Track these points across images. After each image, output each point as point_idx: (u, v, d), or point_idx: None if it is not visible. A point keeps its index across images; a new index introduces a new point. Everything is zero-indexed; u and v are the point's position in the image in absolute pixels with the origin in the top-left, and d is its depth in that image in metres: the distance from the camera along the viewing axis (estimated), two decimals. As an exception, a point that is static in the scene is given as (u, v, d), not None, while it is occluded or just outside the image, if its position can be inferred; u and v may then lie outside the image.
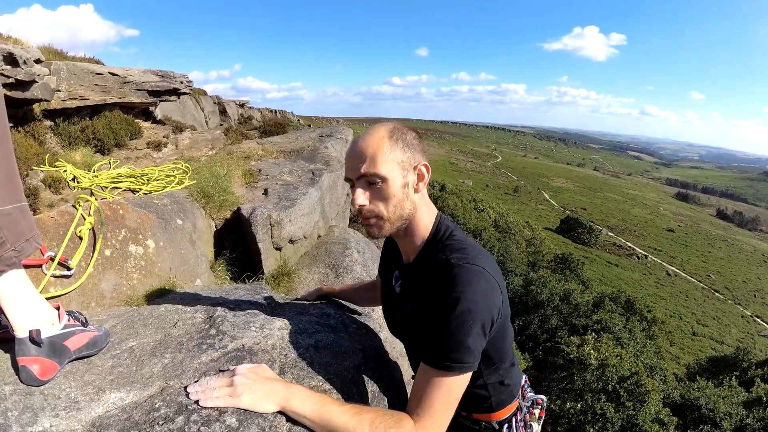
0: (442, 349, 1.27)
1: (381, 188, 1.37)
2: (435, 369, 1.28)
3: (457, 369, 1.27)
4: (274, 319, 1.99)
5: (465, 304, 1.25)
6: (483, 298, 1.28)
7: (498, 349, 1.51)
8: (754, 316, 59.33)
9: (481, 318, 1.27)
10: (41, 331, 1.49)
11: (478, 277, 1.29)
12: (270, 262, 4.54)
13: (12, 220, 1.40)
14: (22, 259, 1.49)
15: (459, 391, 1.30)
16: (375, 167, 1.34)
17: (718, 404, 22.40)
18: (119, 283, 2.64)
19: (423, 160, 1.43)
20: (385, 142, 1.37)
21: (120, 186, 4.97)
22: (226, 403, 1.29)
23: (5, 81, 5.19)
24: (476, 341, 1.28)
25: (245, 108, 28.11)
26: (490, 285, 1.31)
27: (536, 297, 37.44)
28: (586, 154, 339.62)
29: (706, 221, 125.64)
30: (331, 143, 7.84)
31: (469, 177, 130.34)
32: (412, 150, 1.41)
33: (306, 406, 1.28)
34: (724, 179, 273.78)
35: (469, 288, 1.26)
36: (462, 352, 1.26)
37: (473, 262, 1.32)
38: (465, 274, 1.28)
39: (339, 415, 1.25)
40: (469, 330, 1.26)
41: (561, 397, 22.96)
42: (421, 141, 1.49)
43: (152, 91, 9.20)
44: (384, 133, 1.40)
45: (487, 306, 1.29)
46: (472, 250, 1.38)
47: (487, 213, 61.21)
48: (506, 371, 1.60)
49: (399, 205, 1.40)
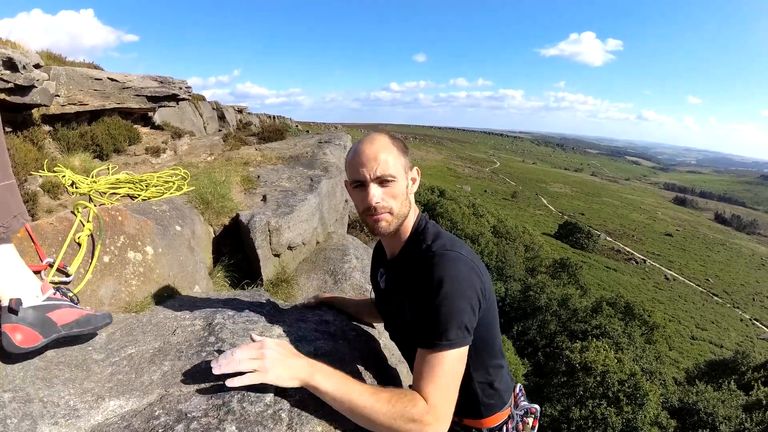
0: (433, 329, 1.35)
1: (392, 188, 1.52)
2: (429, 349, 1.35)
3: (449, 344, 1.33)
4: (273, 326, 1.99)
5: (448, 285, 1.37)
6: (465, 277, 1.40)
7: (484, 338, 1.54)
8: (752, 320, 59.31)
9: (466, 296, 1.39)
10: (22, 300, 1.53)
11: (457, 261, 1.42)
12: (269, 268, 4.53)
13: (0, 198, 1.46)
14: (10, 235, 1.56)
15: (459, 367, 1.37)
16: (389, 168, 1.49)
17: (717, 408, 22.36)
18: (118, 289, 2.63)
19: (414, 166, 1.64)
20: (392, 147, 1.54)
21: (119, 192, 4.97)
22: (256, 379, 1.33)
23: (4, 86, 5.19)
24: (464, 317, 1.37)
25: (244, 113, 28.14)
26: (468, 267, 1.43)
27: (535, 302, 37.39)
28: (583, 159, 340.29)
29: (704, 225, 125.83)
30: (329, 149, 7.85)
31: (468, 182, 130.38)
32: (407, 156, 1.59)
33: (328, 382, 1.34)
34: (721, 183, 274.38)
35: (451, 270, 1.39)
36: (452, 328, 1.34)
37: (451, 248, 1.47)
38: (445, 259, 1.42)
39: (359, 393, 1.31)
40: (455, 307, 1.36)
41: (561, 403, 22.91)
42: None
43: (151, 96, 9.21)
44: (388, 140, 1.56)
45: (470, 284, 1.41)
46: (449, 240, 1.53)
47: (485, 219, 61.18)
48: (495, 371, 1.65)
49: (404, 204, 1.56)
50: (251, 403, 1.37)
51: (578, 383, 22.75)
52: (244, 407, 1.35)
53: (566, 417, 21.91)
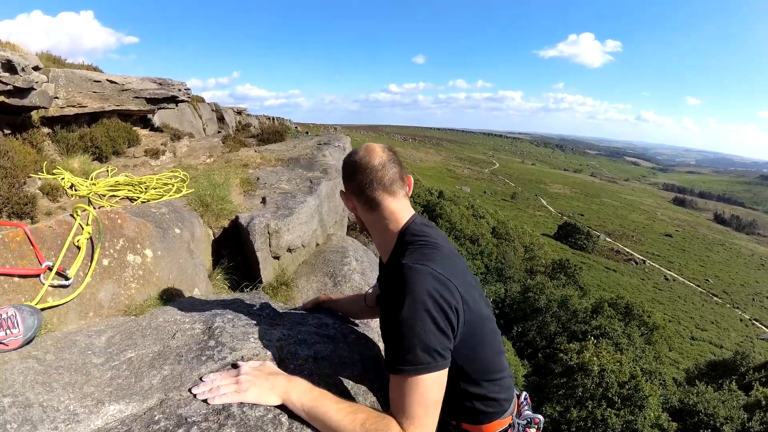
0: (396, 353, 1.30)
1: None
2: (393, 374, 1.31)
3: (414, 370, 1.27)
4: (273, 329, 1.98)
5: (409, 304, 1.28)
6: (429, 295, 1.29)
7: (473, 360, 1.48)
8: (752, 320, 59.29)
9: (430, 315, 1.28)
10: None
11: (423, 276, 1.32)
12: (268, 271, 4.53)
13: None
14: None
15: (433, 392, 1.29)
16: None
17: (717, 409, 22.33)
18: (117, 292, 2.63)
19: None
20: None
21: (118, 194, 4.97)
22: (233, 398, 1.39)
23: (3, 88, 5.18)
24: (432, 338, 1.28)
25: (243, 115, 28.15)
26: (437, 283, 1.32)
27: (534, 303, 37.39)
28: (583, 160, 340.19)
29: (704, 226, 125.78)
30: (329, 151, 7.84)
31: (467, 184, 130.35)
32: (353, 179, 1.62)
33: (303, 399, 1.35)
34: (721, 184, 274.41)
35: (414, 287, 1.30)
36: (418, 352, 1.27)
37: (419, 261, 1.37)
38: (410, 275, 1.33)
39: (335, 412, 1.29)
40: (419, 329, 1.27)
41: (561, 404, 22.89)
42: None
43: (150, 98, 9.21)
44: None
45: (435, 302, 1.30)
46: (422, 252, 1.44)
47: (485, 220, 61.19)
48: (491, 387, 1.56)
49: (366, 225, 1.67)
50: (251, 407, 1.37)
51: (577, 384, 22.72)
52: (245, 412, 1.35)
53: (565, 418, 21.89)
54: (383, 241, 1.63)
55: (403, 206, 1.60)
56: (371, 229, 1.68)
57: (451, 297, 1.33)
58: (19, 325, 1.76)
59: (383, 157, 1.58)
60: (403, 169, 1.66)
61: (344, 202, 1.72)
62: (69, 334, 2.01)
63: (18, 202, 4.31)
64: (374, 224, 1.64)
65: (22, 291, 2.17)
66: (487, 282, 43.29)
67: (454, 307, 1.33)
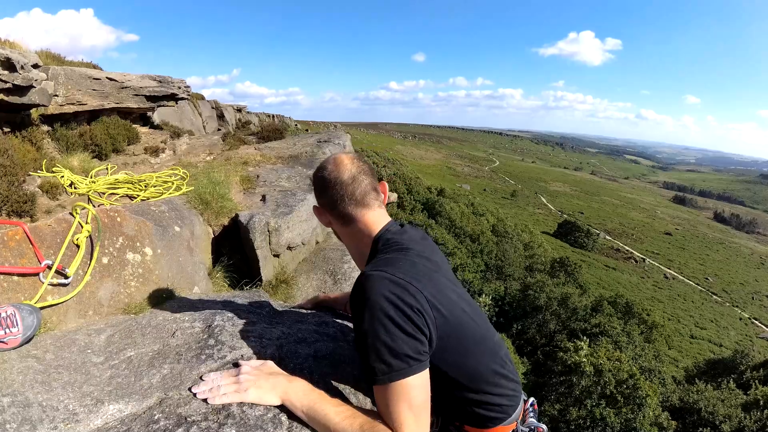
0: (370, 365, 1.26)
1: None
2: (375, 386, 1.28)
3: (392, 378, 1.24)
4: (273, 328, 1.98)
5: (370, 313, 1.26)
6: (387, 299, 1.26)
7: (460, 366, 1.43)
8: (752, 319, 59.36)
9: (392, 320, 1.25)
10: None
11: (379, 282, 1.29)
12: (268, 269, 4.52)
13: None
14: None
15: (416, 395, 1.25)
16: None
17: (716, 407, 22.38)
18: (117, 291, 2.62)
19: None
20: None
21: (117, 192, 4.97)
22: (234, 398, 1.38)
23: (2, 86, 5.18)
24: (400, 343, 1.24)
25: (243, 113, 28.13)
26: (397, 285, 1.29)
27: (534, 301, 37.39)
28: (583, 158, 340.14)
29: (704, 224, 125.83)
30: (329, 149, 7.84)
31: (467, 181, 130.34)
32: (324, 194, 1.61)
33: (303, 400, 1.34)
34: (721, 182, 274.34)
35: (371, 295, 1.27)
36: (389, 360, 1.24)
37: (379, 268, 1.35)
38: (367, 282, 1.31)
39: (333, 414, 1.28)
40: (384, 336, 1.24)
41: (560, 402, 22.93)
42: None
43: (150, 96, 9.20)
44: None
45: (395, 306, 1.26)
46: (391, 256, 1.44)
47: (485, 218, 61.20)
48: (490, 392, 1.49)
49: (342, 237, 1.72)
50: (251, 407, 1.37)
51: (575, 383, 22.75)
52: (244, 411, 1.34)
53: (564, 417, 21.93)
54: (359, 252, 1.63)
55: (377, 217, 1.58)
56: (347, 243, 1.68)
57: (413, 299, 1.29)
58: (18, 324, 1.75)
59: (352, 170, 1.55)
60: (376, 178, 1.63)
61: (318, 218, 1.69)
62: (68, 333, 2.01)
63: (17, 200, 4.31)
64: (350, 237, 1.63)
65: (22, 290, 2.17)
66: (486, 280, 43.33)
67: (417, 310, 1.28)
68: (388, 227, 1.57)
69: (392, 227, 1.58)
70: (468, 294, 1.60)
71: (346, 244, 1.70)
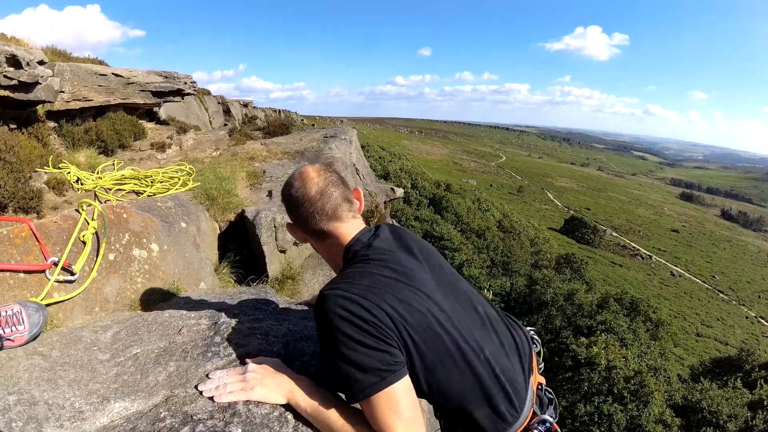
0: (344, 386, 1.25)
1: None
2: (360, 402, 1.24)
3: (368, 394, 1.20)
4: (279, 325, 1.98)
5: (328, 334, 1.26)
6: (341, 317, 1.23)
7: (443, 389, 1.34)
8: (758, 318, 58.98)
9: (351, 337, 1.22)
10: None
11: (331, 301, 1.26)
12: (274, 264, 4.52)
13: None
14: None
15: (400, 401, 1.21)
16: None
17: (721, 406, 22.27)
18: (123, 287, 2.63)
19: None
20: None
21: (124, 188, 4.98)
22: (240, 396, 1.38)
23: (8, 83, 5.18)
24: (364, 358, 1.21)
25: (249, 108, 28.13)
26: (349, 301, 1.25)
27: (540, 297, 37.29)
28: (590, 154, 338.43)
29: (711, 221, 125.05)
30: (335, 144, 7.82)
31: (473, 177, 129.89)
32: (295, 210, 1.57)
33: (308, 401, 1.34)
34: (728, 179, 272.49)
35: (327, 315, 1.26)
36: (359, 377, 1.21)
37: (333, 286, 1.32)
38: (321, 303, 1.29)
39: (336, 417, 1.28)
40: (347, 354, 1.22)
41: (567, 399, 22.89)
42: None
43: (156, 91, 9.20)
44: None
45: (350, 323, 1.22)
46: (350, 270, 1.41)
47: (491, 213, 61.07)
48: (465, 412, 1.35)
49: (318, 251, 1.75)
50: (257, 405, 1.36)
51: (583, 379, 22.70)
52: (250, 410, 1.34)
53: (571, 413, 21.90)
54: (335, 264, 1.60)
55: (351, 227, 1.53)
56: (324, 257, 1.66)
57: (368, 314, 1.24)
58: (24, 322, 1.75)
59: (320, 184, 1.49)
60: (347, 187, 1.58)
61: (293, 236, 1.67)
62: (74, 330, 2.00)
63: (24, 196, 4.32)
64: (326, 251, 1.61)
65: (28, 287, 2.17)
66: (492, 276, 43.27)
67: (373, 323, 1.23)
68: (358, 237, 1.51)
69: (362, 236, 1.52)
70: (455, 297, 1.48)
71: (324, 258, 1.66)
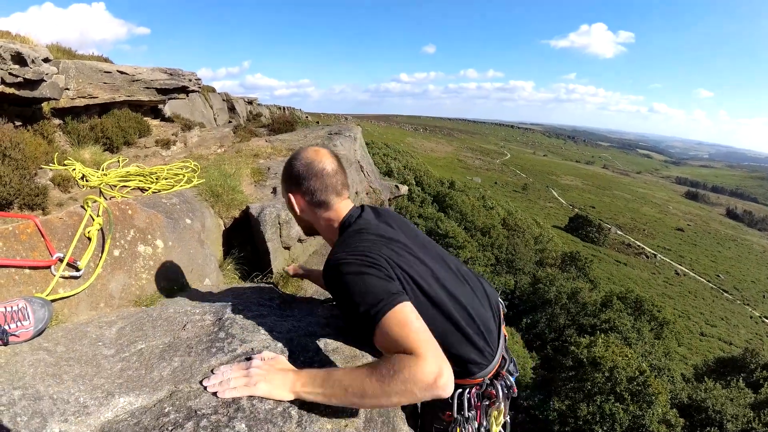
0: (365, 314, 1.40)
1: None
2: (377, 325, 1.37)
3: (384, 312, 1.36)
4: (283, 321, 1.98)
5: (345, 282, 1.49)
6: (354, 264, 1.50)
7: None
8: (763, 317, 58.74)
9: (366, 274, 1.46)
10: None
11: (343, 260, 1.53)
12: (279, 261, 4.53)
13: None
14: None
15: (413, 319, 1.36)
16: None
17: (725, 406, 22.20)
18: (128, 283, 2.64)
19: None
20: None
21: (129, 185, 4.99)
22: (243, 392, 1.39)
23: (13, 80, 5.20)
24: (377, 286, 1.43)
25: (254, 105, 28.17)
26: (356, 255, 1.53)
27: (544, 295, 37.23)
28: (595, 152, 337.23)
29: (716, 220, 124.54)
30: (339, 141, 7.82)
31: (478, 174, 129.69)
32: (290, 180, 1.89)
33: (314, 384, 1.36)
34: (734, 178, 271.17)
35: (341, 270, 1.51)
36: (372, 301, 1.39)
37: (338, 251, 1.60)
38: (335, 266, 1.54)
39: (346, 375, 1.32)
40: (364, 288, 1.44)
41: (570, 398, 22.86)
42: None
43: (161, 89, 9.22)
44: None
45: (362, 264, 1.49)
46: (350, 239, 1.67)
47: (495, 211, 60.97)
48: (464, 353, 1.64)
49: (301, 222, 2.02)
50: (261, 400, 1.36)
51: (586, 378, 22.66)
52: (254, 405, 1.34)
53: (574, 412, 21.88)
54: (329, 233, 1.89)
55: (345, 206, 1.87)
56: (318, 226, 1.93)
57: (372, 259, 1.51)
58: (29, 317, 1.76)
59: (335, 165, 1.84)
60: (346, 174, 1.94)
61: (288, 202, 1.91)
62: (80, 326, 2.01)
63: (29, 193, 4.34)
64: (323, 221, 1.88)
65: (34, 282, 2.18)
66: (497, 273, 43.21)
67: (379, 265, 1.50)
68: (351, 213, 1.85)
69: (354, 212, 1.85)
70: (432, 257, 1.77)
71: (317, 227, 1.95)
